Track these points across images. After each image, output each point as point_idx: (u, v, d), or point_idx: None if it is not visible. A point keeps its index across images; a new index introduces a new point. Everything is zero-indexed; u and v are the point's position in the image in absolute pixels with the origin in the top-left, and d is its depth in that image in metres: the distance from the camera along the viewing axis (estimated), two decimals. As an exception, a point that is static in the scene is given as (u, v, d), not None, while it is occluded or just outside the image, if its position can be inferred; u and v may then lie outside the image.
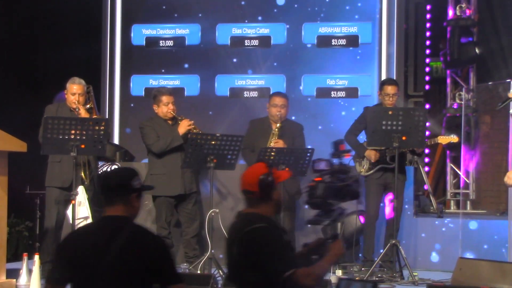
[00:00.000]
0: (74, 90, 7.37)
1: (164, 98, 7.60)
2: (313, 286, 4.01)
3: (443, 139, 7.65)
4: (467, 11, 9.68)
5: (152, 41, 9.59)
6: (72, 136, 6.79)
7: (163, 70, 9.56)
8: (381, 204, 7.90)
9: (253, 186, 4.15)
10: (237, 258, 4.08)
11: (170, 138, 7.49)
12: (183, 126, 7.52)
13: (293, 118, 8.38)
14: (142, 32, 9.60)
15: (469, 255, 7.78)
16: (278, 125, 7.75)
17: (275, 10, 9.36)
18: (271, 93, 8.53)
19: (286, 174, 4.40)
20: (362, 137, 7.90)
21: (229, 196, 8.58)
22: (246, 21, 9.40)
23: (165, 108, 7.57)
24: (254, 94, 9.36)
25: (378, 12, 9.21)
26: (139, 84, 9.58)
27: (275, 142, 7.67)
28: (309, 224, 4.21)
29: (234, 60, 9.42)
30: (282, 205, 4.35)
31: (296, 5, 9.35)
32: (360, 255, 8.11)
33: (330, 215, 4.26)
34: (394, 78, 8.80)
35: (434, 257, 8.40)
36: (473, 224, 8.14)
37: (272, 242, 4.02)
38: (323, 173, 4.32)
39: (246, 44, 9.41)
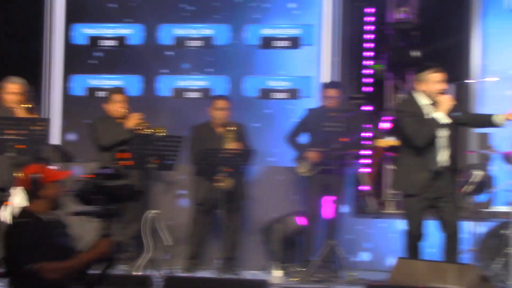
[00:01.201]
0: (11, 89, 7.26)
1: (115, 97, 7.59)
2: (60, 279, 4.33)
3: (383, 142, 7.75)
4: (408, 15, 9.81)
5: (94, 41, 9.50)
6: (10, 136, 6.69)
7: (105, 70, 9.48)
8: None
9: (25, 183, 4.55)
10: (4, 251, 4.43)
11: (117, 132, 7.46)
12: (132, 120, 7.50)
13: (236, 119, 8.38)
14: (83, 32, 9.50)
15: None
16: (233, 128, 7.78)
17: (218, 11, 9.36)
18: (213, 94, 8.52)
19: (61, 174, 4.66)
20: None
21: (171, 196, 8.59)
22: (189, 22, 9.38)
23: (116, 105, 7.57)
24: (197, 95, 9.34)
25: (320, 14, 9.27)
26: (80, 83, 9.48)
27: (232, 146, 7.69)
28: (74, 215, 4.51)
29: (177, 60, 9.39)
30: (59, 202, 4.59)
31: (238, 6, 9.36)
32: (299, 255, 8.16)
33: (96, 212, 4.58)
34: (336, 80, 8.88)
35: (373, 257, 8.51)
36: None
37: (23, 236, 4.36)
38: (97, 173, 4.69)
39: (189, 45, 9.39)
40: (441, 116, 6.26)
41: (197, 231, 8.06)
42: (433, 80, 6.37)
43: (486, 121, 6.39)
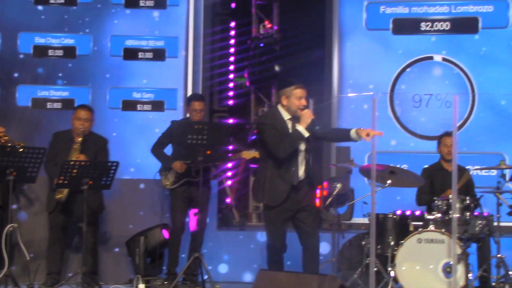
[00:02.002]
0: None
1: None
2: None
3: (247, 154, 7.85)
4: (270, 30, 10.01)
5: None
6: None
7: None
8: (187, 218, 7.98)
9: None
10: None
11: None
12: None
13: (99, 130, 8.24)
14: None
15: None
16: (79, 139, 7.63)
17: (80, 21, 9.19)
18: (75, 105, 8.35)
19: None
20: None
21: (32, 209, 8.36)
22: (50, 30, 9.15)
23: None
24: (58, 105, 9.11)
25: (184, 27, 9.29)
26: None
27: (77, 157, 7.54)
28: None
29: (39, 70, 9.13)
30: None
31: (102, 16, 9.22)
32: (164, 268, 8.12)
33: None
34: (200, 93, 8.91)
35: (237, 269, 8.59)
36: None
37: None
38: None
39: (50, 54, 9.16)
40: (302, 130, 6.42)
41: (53, 244, 7.85)
42: (295, 95, 6.52)
43: (345, 135, 6.59)
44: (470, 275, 6.97)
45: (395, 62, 9.54)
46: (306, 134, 6.44)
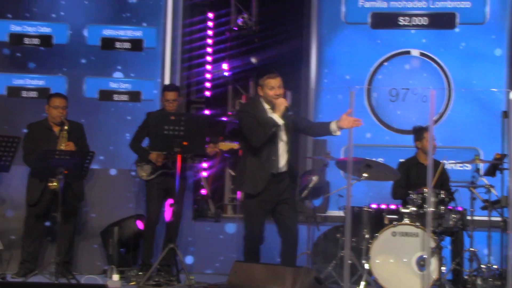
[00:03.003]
0: None
1: None
2: None
3: (224, 146, 7.83)
4: (248, 21, 10.00)
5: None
6: None
7: None
8: (162, 209, 7.96)
9: None
10: None
11: None
12: None
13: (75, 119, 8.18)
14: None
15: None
16: (66, 127, 7.60)
17: (59, 10, 9.12)
18: (50, 93, 8.30)
19: None
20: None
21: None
22: (27, 18, 9.08)
23: None
24: (34, 94, 9.04)
25: (162, 18, 9.25)
26: None
27: (66, 145, 7.52)
28: None
29: (13, 58, 9.06)
30: None
31: (80, 5, 9.16)
32: (139, 259, 8.10)
33: None
34: (177, 84, 8.88)
35: (211, 260, 8.59)
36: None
37: None
38: None
39: (25, 42, 9.08)
40: (276, 117, 6.44)
41: (30, 234, 7.82)
42: (267, 85, 6.55)
43: (324, 129, 6.61)
44: (443, 268, 7.02)
45: (373, 55, 9.57)
46: (281, 122, 6.45)
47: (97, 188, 8.47)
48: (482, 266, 7.23)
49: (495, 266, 7.23)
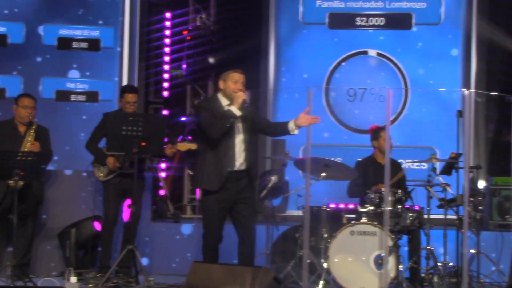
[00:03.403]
0: None
1: None
2: None
3: (183, 146, 7.81)
4: (206, 21, 9.99)
5: None
6: None
7: None
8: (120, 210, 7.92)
9: None
10: None
11: None
12: None
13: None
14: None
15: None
16: (34, 127, 7.53)
17: (14, 9, 9.01)
18: (6, 95, 8.21)
19: None
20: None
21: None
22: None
23: None
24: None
25: (120, 17, 9.20)
26: None
27: (32, 144, 7.45)
28: None
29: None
30: None
31: (36, 4, 9.06)
32: (96, 261, 8.04)
33: None
34: (135, 84, 8.84)
35: (171, 261, 8.56)
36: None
37: None
38: None
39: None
40: (234, 109, 6.46)
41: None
42: (231, 79, 6.57)
43: (282, 128, 6.64)
44: (400, 266, 7.09)
45: (331, 55, 9.63)
46: (238, 113, 6.46)
47: (53, 189, 8.38)
48: (439, 264, 7.31)
49: (451, 264, 7.32)
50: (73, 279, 7.05)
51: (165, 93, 9.77)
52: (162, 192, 9.40)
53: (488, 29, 9.48)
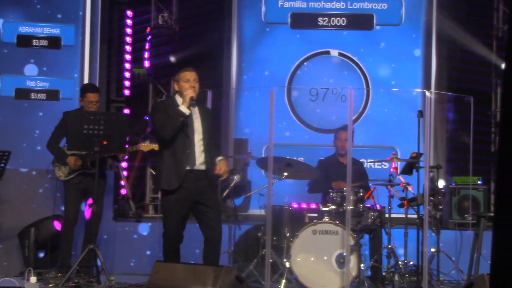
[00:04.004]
0: None
1: None
2: None
3: (145, 147, 7.77)
4: (168, 20, 9.95)
5: None
6: None
7: None
8: (82, 209, 7.85)
9: None
10: None
11: None
12: None
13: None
14: None
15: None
16: None
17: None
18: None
19: None
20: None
21: None
22: None
23: None
24: None
25: (81, 15, 9.12)
26: None
27: None
28: None
29: None
30: None
31: (-6, 2, 8.96)
32: (57, 260, 7.95)
33: None
34: (97, 82, 8.78)
35: (132, 261, 8.51)
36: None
37: None
38: None
39: None
40: (183, 108, 6.46)
41: None
42: (183, 78, 6.57)
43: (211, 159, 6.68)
44: (362, 265, 7.14)
45: (293, 55, 9.66)
46: (187, 112, 6.46)
47: (15, 188, 8.28)
48: (400, 262, 7.38)
49: (411, 262, 7.39)
50: (33, 279, 6.98)
51: (127, 92, 9.71)
52: (123, 191, 9.34)
53: (448, 25, 9.58)
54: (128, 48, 9.76)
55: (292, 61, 9.66)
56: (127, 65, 9.74)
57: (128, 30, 9.79)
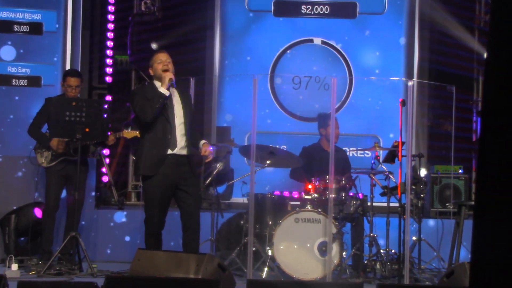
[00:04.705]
0: None
1: None
2: None
3: (128, 134, 7.74)
4: (151, 7, 9.90)
5: None
6: None
7: None
8: (62, 196, 7.82)
9: None
10: None
11: None
12: None
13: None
14: None
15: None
16: None
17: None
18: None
19: None
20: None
21: None
22: None
23: None
24: None
25: (63, 1, 9.05)
26: None
27: None
28: None
29: None
30: None
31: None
32: (38, 248, 7.93)
33: None
34: (79, 69, 8.72)
35: (114, 248, 8.50)
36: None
37: None
38: None
39: None
40: (163, 90, 6.44)
41: None
42: (156, 61, 6.57)
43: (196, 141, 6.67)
44: (344, 253, 7.16)
45: (277, 42, 9.65)
46: (167, 93, 6.45)
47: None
48: (381, 250, 7.41)
49: (393, 251, 7.42)
50: (14, 267, 6.95)
51: (109, 79, 9.66)
52: (105, 179, 9.31)
53: (431, 6, 9.58)
54: (110, 34, 9.70)
55: (275, 49, 9.64)
56: (110, 52, 9.68)
57: (111, 17, 9.73)
